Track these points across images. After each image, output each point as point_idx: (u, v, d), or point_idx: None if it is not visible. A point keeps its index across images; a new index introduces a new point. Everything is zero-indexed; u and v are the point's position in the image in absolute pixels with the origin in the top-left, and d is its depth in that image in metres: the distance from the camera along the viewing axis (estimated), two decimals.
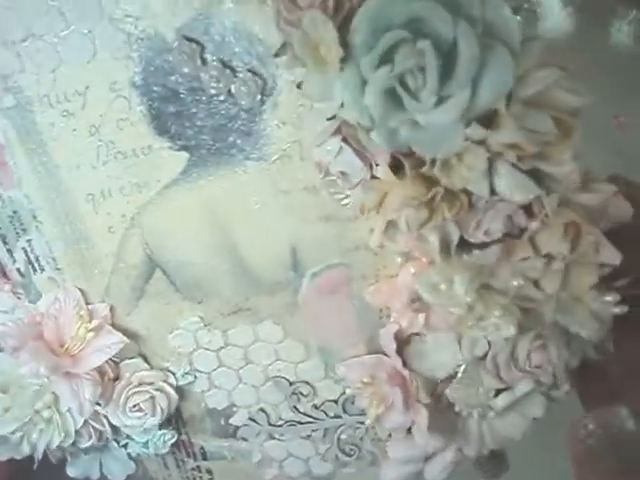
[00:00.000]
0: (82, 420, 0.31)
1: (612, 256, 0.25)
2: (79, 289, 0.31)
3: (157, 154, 0.27)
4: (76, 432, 0.32)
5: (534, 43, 0.21)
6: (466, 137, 0.22)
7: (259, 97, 0.25)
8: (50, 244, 0.30)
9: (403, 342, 0.30)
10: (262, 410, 0.34)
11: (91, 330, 0.30)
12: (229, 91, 0.25)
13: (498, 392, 0.29)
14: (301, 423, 0.34)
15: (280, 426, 0.34)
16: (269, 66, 0.25)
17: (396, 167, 0.24)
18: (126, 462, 0.36)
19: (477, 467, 0.33)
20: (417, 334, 0.30)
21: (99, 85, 0.26)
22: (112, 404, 0.32)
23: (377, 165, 0.24)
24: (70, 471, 0.35)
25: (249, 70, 0.25)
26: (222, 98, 0.26)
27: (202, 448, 0.36)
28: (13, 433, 0.31)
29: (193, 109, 0.26)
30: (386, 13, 0.20)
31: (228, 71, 0.25)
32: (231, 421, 0.34)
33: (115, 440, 0.34)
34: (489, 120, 0.22)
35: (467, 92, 0.21)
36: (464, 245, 0.26)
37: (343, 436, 0.34)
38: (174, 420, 0.34)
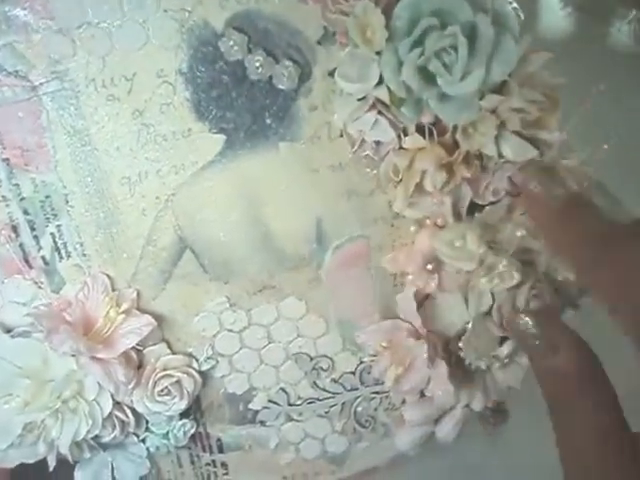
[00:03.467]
0: (109, 407, 0.31)
1: None
2: (105, 275, 0.31)
3: (196, 136, 0.30)
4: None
5: (526, 35, 0.27)
6: (480, 107, 0.27)
7: (297, 81, 0.29)
8: (80, 229, 0.31)
9: (418, 305, 0.33)
10: (282, 390, 0.35)
11: (122, 312, 0.30)
12: (270, 77, 0.29)
13: (502, 342, 0.33)
14: (320, 400, 0.36)
15: (299, 405, 0.36)
16: (306, 55, 0.29)
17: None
18: (140, 463, 0.35)
19: (482, 421, 0.36)
20: (428, 297, 0.33)
21: (147, 71, 0.28)
22: (139, 389, 0.32)
23: (405, 136, 0.29)
24: (79, 476, 0.34)
25: (289, 58, 0.29)
26: (262, 84, 0.29)
27: (219, 440, 0.36)
28: (31, 431, 0.30)
29: (234, 94, 0.29)
30: (420, 4, 0.26)
31: (271, 59, 0.28)
32: (250, 405, 0.35)
33: (134, 434, 0.34)
34: (496, 93, 0.28)
35: (483, 69, 0.26)
36: (471, 210, 0.31)
37: (359, 408, 0.36)
38: (193, 410, 0.35)
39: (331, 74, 0.29)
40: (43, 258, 0.31)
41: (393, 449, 0.37)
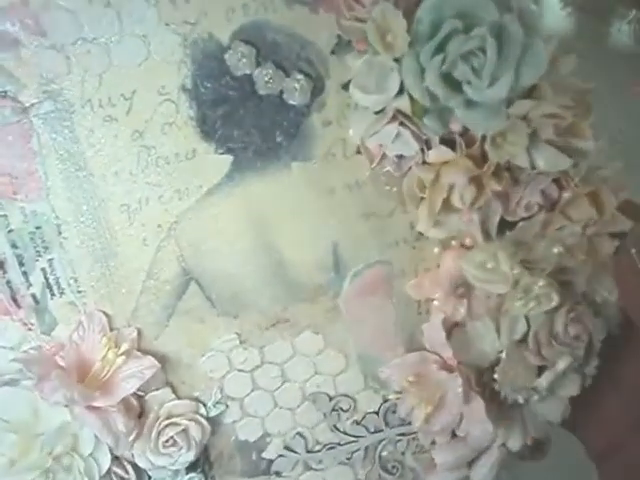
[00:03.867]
0: (108, 463, 0.27)
1: (624, 223, 0.29)
2: (102, 312, 0.28)
3: (201, 158, 0.28)
4: None
5: (553, 36, 0.26)
6: (509, 115, 0.25)
7: (309, 96, 0.27)
8: (74, 263, 0.28)
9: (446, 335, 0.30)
10: (299, 435, 0.32)
11: (121, 354, 0.27)
12: (280, 92, 0.27)
13: (540, 372, 0.30)
14: (340, 444, 0.32)
15: (318, 452, 0.32)
16: (318, 67, 0.27)
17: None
18: None
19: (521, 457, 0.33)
20: (457, 325, 0.31)
21: (147, 89, 0.26)
22: (141, 441, 0.28)
23: (429, 150, 0.26)
24: None
25: (300, 71, 0.27)
26: (272, 99, 0.27)
27: None
28: None
29: (242, 111, 0.27)
30: (443, 6, 0.24)
31: (280, 72, 0.27)
32: (264, 454, 0.32)
33: None
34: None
35: (512, 73, 0.24)
36: (501, 228, 0.29)
37: (384, 453, 0.33)
38: (201, 462, 0.31)
39: (345, 87, 0.27)
40: (33, 296, 0.28)
41: None
